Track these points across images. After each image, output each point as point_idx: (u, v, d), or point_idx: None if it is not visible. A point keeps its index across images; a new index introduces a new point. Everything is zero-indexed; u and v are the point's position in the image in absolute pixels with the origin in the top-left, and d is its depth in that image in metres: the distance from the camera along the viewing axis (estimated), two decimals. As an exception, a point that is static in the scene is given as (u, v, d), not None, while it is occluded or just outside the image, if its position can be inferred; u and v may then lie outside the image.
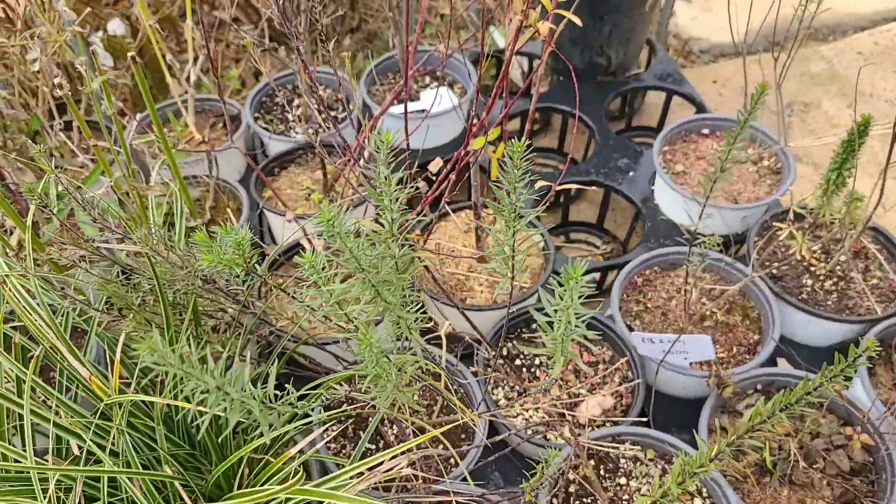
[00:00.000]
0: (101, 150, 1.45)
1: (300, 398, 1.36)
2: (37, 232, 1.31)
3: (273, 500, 1.13)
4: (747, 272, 1.79)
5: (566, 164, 1.47)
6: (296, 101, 2.39)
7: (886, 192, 2.51)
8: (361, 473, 1.05)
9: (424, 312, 1.06)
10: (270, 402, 0.95)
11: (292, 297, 1.19)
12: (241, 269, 0.99)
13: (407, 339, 1.09)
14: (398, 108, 2.30)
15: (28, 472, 1.12)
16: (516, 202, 0.97)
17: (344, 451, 1.58)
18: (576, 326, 0.86)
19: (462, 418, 1.48)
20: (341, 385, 1.43)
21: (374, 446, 1.59)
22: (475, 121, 1.52)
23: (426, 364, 1.49)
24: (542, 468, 1.24)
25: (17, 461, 1.16)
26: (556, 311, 0.86)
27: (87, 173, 1.70)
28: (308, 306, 1.14)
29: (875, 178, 1.57)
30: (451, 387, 1.64)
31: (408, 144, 1.69)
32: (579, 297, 0.83)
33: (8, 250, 1.17)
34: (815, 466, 1.49)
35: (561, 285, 0.82)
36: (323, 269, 0.93)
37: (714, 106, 2.94)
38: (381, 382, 0.84)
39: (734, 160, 1.51)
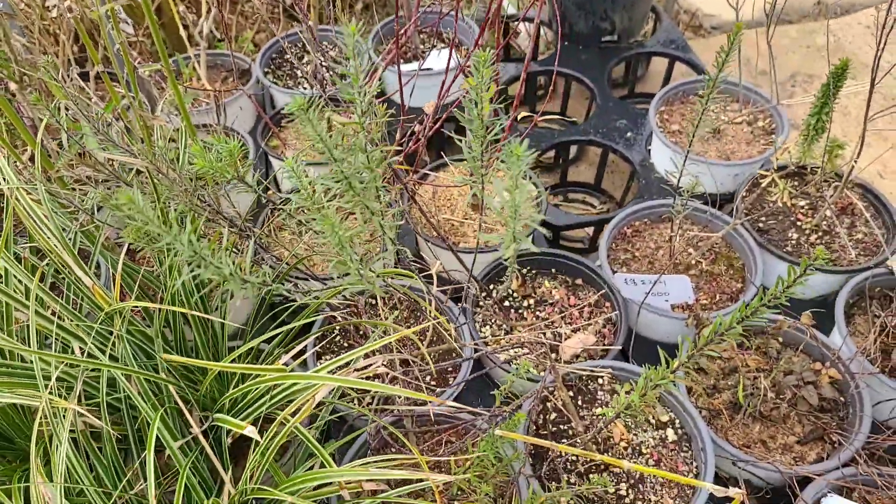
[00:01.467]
0: (112, 86, 1.53)
1: (285, 315, 1.43)
2: (48, 154, 1.39)
3: (260, 396, 1.21)
4: (730, 222, 1.84)
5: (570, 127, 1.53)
6: (305, 58, 2.47)
7: (884, 160, 2.55)
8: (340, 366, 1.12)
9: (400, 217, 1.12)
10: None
11: (287, 214, 1.25)
12: (231, 177, 1.06)
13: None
14: (407, 67, 2.37)
15: (32, 369, 1.20)
16: (483, 133, 1.03)
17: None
18: (523, 209, 0.91)
19: (451, 346, 1.55)
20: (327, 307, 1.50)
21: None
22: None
23: (410, 292, 1.56)
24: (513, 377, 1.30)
25: (22, 360, 1.25)
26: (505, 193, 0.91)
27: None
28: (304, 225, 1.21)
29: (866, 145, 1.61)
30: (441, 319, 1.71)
31: (401, 93, 1.76)
32: (523, 174, 0.87)
33: (19, 163, 1.25)
34: (786, 402, 1.54)
35: (504, 162, 0.88)
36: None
37: (719, 76, 2.97)
38: (346, 268, 0.90)
39: (727, 120, 1.56)
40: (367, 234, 1.84)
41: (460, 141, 1.06)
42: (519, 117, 1.75)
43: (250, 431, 1.01)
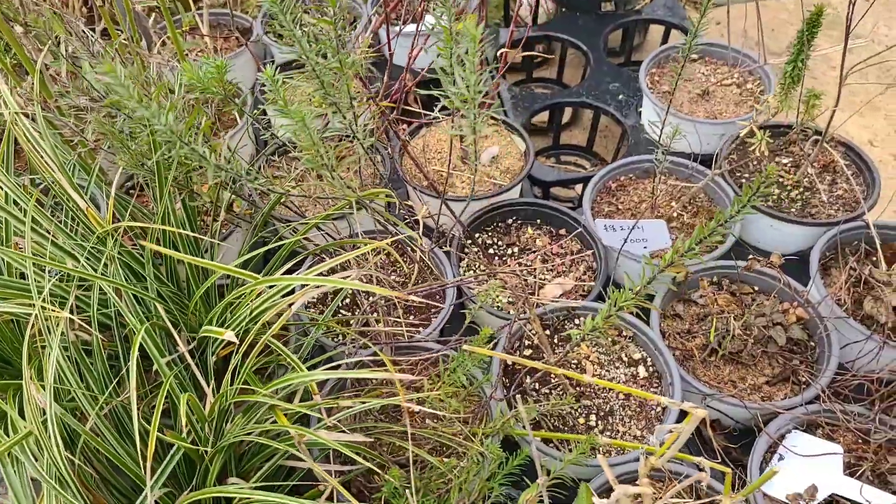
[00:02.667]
0: (111, 25, 1.59)
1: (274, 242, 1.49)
2: (46, 83, 1.46)
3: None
4: (709, 175, 1.89)
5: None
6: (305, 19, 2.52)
7: (875, 130, 2.58)
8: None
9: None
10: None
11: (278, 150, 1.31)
12: (217, 91, 1.12)
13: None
14: (409, 28, 2.43)
15: (27, 284, 1.27)
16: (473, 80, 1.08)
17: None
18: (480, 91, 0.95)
19: (433, 286, 1.61)
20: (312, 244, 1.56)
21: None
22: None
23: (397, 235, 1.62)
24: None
25: (23, 277, 1.32)
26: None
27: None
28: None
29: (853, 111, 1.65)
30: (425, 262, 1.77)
31: (389, 45, 1.81)
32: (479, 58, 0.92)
33: (20, 88, 1.32)
34: (755, 342, 1.59)
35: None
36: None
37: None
38: (319, 165, 0.96)
39: (716, 82, 1.60)
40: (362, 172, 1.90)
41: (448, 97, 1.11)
42: (512, 82, 1.80)
43: (229, 336, 1.07)
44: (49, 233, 1.32)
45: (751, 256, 1.55)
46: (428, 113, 2.04)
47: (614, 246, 1.75)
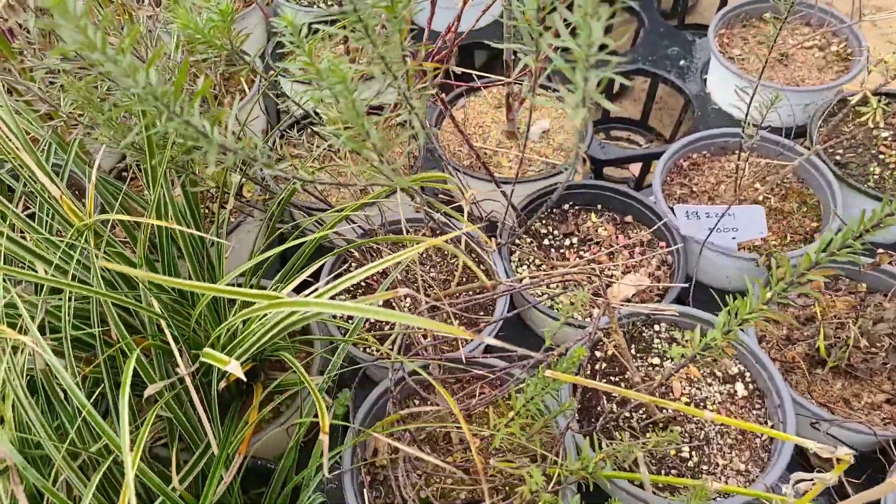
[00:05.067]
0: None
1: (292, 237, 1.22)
2: (5, 40, 1.19)
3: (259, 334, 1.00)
4: (805, 153, 1.60)
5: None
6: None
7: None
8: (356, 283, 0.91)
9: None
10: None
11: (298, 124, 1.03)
12: (222, 45, 0.85)
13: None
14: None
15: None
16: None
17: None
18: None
19: (483, 285, 1.34)
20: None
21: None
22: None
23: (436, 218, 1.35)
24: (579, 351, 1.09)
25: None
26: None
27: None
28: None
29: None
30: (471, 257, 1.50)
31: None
32: None
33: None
34: (875, 354, 1.31)
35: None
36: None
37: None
38: (361, 144, 0.69)
39: (796, 44, 1.31)
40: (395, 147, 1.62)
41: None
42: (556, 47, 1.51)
43: (234, 367, 0.80)
44: (14, 229, 1.05)
45: (880, 251, 1.27)
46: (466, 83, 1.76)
47: (696, 237, 1.47)
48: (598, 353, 1.34)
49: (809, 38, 1.90)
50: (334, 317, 1.36)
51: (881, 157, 1.65)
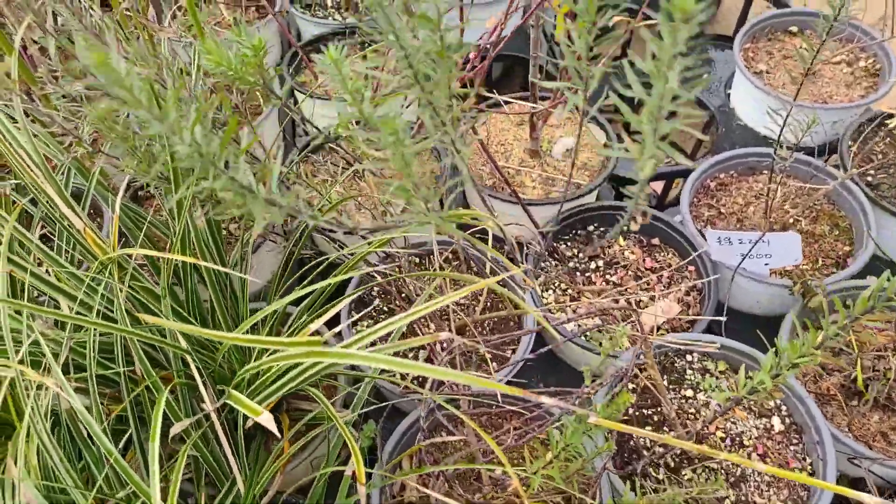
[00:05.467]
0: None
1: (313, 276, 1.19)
2: (34, 67, 1.15)
3: (285, 372, 0.97)
4: (839, 176, 1.57)
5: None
6: (337, -13, 2.20)
7: None
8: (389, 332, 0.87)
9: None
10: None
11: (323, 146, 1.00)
12: (255, 81, 0.81)
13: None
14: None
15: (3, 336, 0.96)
16: (586, 71, 0.76)
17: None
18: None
19: (511, 313, 1.30)
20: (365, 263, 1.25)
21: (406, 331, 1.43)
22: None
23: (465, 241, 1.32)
24: (605, 356, 1.05)
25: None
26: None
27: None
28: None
29: None
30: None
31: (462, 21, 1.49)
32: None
33: (-9, 76, 1.01)
34: (916, 388, 1.28)
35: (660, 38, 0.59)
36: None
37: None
38: (407, 195, 0.65)
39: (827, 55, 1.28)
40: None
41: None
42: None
43: (266, 420, 0.77)
44: (37, 262, 1.02)
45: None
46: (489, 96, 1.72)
47: (727, 262, 1.43)
48: (630, 385, 1.30)
49: (837, 53, 1.87)
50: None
51: (914, 178, 1.62)
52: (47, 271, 1.06)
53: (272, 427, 0.79)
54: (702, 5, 0.56)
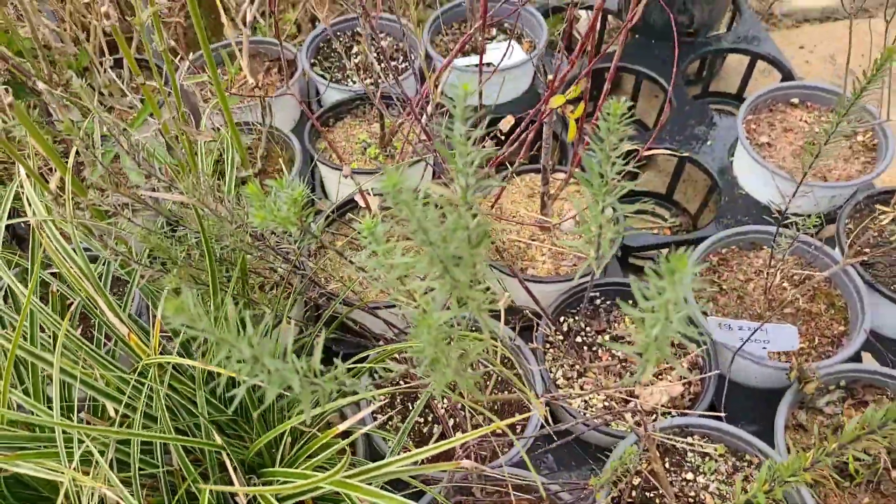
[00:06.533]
0: (149, 90, 1.35)
1: (348, 370, 1.26)
2: (80, 176, 1.23)
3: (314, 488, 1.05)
4: (836, 257, 1.65)
5: (654, 135, 1.33)
6: (355, 49, 2.27)
7: None
8: (415, 462, 0.95)
9: (490, 290, 0.94)
10: (315, 375, 0.85)
11: (347, 259, 1.08)
12: (295, 228, 0.89)
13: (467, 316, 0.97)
14: (463, 61, 2.17)
15: (53, 433, 1.04)
16: (609, 172, 0.84)
17: (391, 423, 1.49)
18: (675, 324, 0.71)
19: (520, 397, 1.38)
20: (393, 359, 1.33)
21: (422, 419, 1.50)
22: (552, 77, 1.40)
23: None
24: (613, 464, 1.13)
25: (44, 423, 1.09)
26: (652, 307, 0.72)
27: (135, 115, 1.61)
28: (364, 271, 1.04)
29: None
30: (508, 363, 1.54)
31: (480, 100, 1.57)
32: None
33: (46, 193, 1.09)
34: (904, 475, 1.36)
35: (659, 276, 0.69)
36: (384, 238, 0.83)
37: (799, 74, 2.74)
38: (438, 367, 0.73)
39: (839, 135, 1.35)
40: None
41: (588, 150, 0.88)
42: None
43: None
44: (86, 364, 1.10)
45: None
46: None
47: (728, 344, 1.51)
48: (632, 468, 1.38)
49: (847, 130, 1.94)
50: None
51: (909, 256, 1.69)
52: (88, 371, 1.13)
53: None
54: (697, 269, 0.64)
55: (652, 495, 1.35)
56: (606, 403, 1.52)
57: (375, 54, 2.09)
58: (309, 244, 1.44)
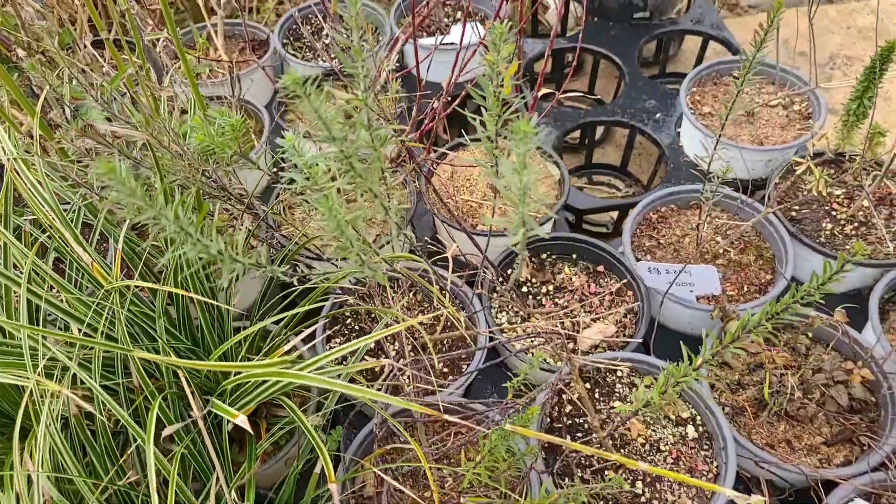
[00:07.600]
0: (119, 58, 1.47)
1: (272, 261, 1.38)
2: (49, 125, 1.35)
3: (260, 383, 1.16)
4: (762, 210, 1.76)
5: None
6: (325, 30, 2.40)
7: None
8: (345, 359, 1.07)
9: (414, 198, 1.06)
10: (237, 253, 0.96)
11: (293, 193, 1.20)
12: (232, 152, 1.01)
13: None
14: (428, 41, 2.30)
15: (20, 347, 1.16)
16: (497, 111, 0.96)
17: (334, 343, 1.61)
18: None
19: (464, 334, 1.50)
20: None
21: (373, 357, 1.62)
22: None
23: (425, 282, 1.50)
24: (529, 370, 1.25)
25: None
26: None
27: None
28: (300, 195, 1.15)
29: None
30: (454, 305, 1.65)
31: (418, 69, 1.68)
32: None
33: (17, 135, 1.20)
34: (814, 401, 1.47)
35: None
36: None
37: (754, 56, 2.86)
38: (346, 253, 0.84)
39: (762, 103, 1.47)
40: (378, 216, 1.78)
41: (474, 120, 1.00)
42: (541, 94, 1.67)
43: (241, 421, 0.96)
44: (51, 288, 1.21)
45: (814, 314, 1.42)
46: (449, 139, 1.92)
47: (658, 289, 1.62)
48: (565, 397, 1.49)
49: (774, 98, 2.06)
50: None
51: (833, 213, 1.81)
52: (60, 297, 1.25)
53: (247, 427, 0.98)
54: (537, 129, 0.76)
55: (581, 421, 1.46)
56: (547, 347, 1.64)
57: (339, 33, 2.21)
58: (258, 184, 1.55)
